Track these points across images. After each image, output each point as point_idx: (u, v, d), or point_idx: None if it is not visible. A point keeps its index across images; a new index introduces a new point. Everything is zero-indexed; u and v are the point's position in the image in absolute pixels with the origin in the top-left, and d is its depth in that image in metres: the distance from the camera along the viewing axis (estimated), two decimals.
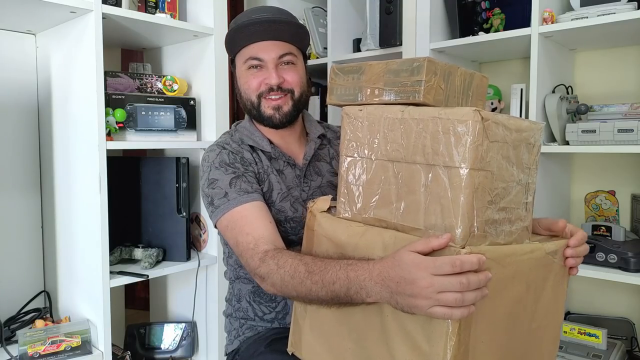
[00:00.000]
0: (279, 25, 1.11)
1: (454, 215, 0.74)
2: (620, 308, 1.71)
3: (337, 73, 0.95)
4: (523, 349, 0.86)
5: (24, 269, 1.63)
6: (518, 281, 0.80)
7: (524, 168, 0.83)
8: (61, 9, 1.32)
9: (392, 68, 0.85)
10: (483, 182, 0.75)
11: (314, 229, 0.96)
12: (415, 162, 0.80)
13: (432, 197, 0.77)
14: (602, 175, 1.74)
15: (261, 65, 1.13)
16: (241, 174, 1.10)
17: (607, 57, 1.73)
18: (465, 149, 0.73)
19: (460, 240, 0.74)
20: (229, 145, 1.15)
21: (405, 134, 0.81)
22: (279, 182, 1.15)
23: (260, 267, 0.95)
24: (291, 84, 1.14)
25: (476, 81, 0.91)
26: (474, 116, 0.72)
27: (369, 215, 0.87)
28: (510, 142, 0.79)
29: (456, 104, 0.87)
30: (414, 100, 0.82)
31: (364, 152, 0.88)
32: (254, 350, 1.13)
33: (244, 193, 1.07)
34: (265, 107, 1.14)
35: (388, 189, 0.84)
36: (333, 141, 1.29)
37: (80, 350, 1.37)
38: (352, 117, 0.90)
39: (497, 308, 0.78)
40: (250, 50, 1.13)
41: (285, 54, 1.13)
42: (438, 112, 0.77)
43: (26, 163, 1.63)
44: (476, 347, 0.75)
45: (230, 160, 1.12)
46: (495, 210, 0.78)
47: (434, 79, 0.81)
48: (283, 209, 1.14)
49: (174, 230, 1.60)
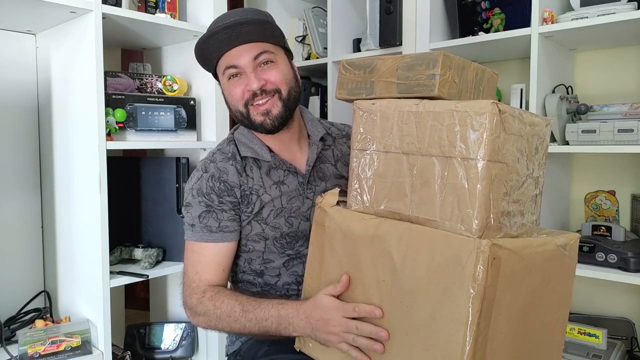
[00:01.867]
0: (243, 26, 1.03)
1: (470, 207, 0.75)
2: (620, 308, 1.71)
3: (347, 67, 0.95)
4: (535, 341, 0.86)
5: (24, 269, 1.63)
6: (534, 273, 0.81)
7: (535, 161, 0.84)
8: (61, 9, 1.32)
9: (406, 62, 0.85)
10: (499, 174, 0.76)
11: (324, 225, 0.96)
12: (430, 155, 0.80)
13: (448, 189, 0.78)
14: (602, 175, 1.74)
15: (239, 72, 1.07)
16: (212, 209, 1.09)
17: (607, 57, 1.73)
18: (483, 141, 0.73)
19: (476, 232, 0.74)
20: (213, 166, 1.11)
21: (420, 127, 0.81)
22: (273, 200, 1.11)
23: (196, 307, 1.06)
24: (275, 84, 1.07)
25: (487, 76, 0.92)
26: (492, 109, 0.73)
27: (382, 207, 0.88)
28: (524, 135, 0.80)
29: (468, 98, 0.87)
30: (428, 93, 0.82)
31: (377, 145, 0.89)
32: (256, 350, 1.13)
33: (208, 232, 1.09)
34: (254, 114, 1.08)
35: (402, 181, 0.84)
36: (338, 139, 1.24)
37: (80, 350, 1.37)
38: (365, 110, 0.91)
39: (515, 300, 0.78)
40: (224, 60, 1.08)
41: (259, 53, 1.06)
42: (454, 105, 0.77)
43: (26, 163, 1.63)
44: (494, 338, 0.76)
45: (207, 190, 1.09)
46: (509, 202, 0.79)
47: (448, 72, 0.82)
48: (278, 225, 1.12)
49: (174, 230, 1.60)
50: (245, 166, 1.13)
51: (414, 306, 0.80)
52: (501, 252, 0.73)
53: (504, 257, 0.74)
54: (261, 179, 1.12)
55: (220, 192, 1.10)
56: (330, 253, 0.95)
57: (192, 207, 1.10)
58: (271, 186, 1.12)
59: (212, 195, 1.09)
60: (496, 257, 0.72)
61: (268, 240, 1.12)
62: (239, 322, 1.00)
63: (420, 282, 0.79)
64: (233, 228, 1.11)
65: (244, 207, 1.11)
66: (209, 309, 1.03)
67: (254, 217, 1.11)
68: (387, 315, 0.84)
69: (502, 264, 0.74)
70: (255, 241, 1.13)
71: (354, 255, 0.89)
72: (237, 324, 1.00)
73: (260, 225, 1.12)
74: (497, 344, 0.77)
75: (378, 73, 0.90)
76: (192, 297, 1.07)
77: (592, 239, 1.49)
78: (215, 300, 1.03)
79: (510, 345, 0.80)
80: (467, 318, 0.73)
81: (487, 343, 0.75)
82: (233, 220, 1.11)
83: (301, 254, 1.14)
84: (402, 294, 0.82)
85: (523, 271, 0.79)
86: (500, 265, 0.73)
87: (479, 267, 0.72)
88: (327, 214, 0.95)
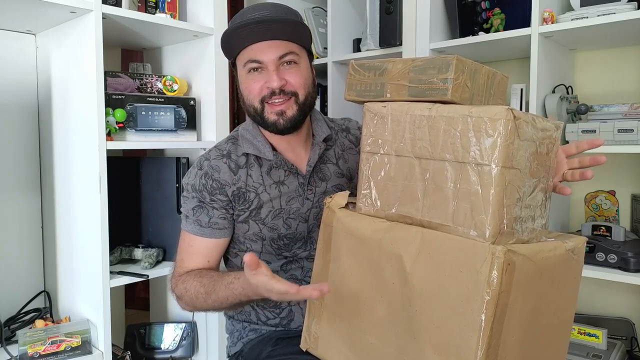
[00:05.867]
0: (277, 23, 1.04)
1: (484, 213, 0.75)
2: (620, 308, 1.71)
3: (356, 69, 0.94)
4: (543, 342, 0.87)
5: (24, 269, 1.63)
6: (545, 277, 0.81)
7: (545, 166, 0.84)
8: (61, 9, 1.32)
9: (418, 65, 0.85)
10: (513, 179, 0.75)
11: (332, 225, 0.96)
12: (444, 160, 0.80)
13: (461, 194, 0.77)
14: (602, 175, 1.74)
15: (261, 68, 1.06)
16: (204, 205, 1.11)
17: (607, 57, 1.73)
18: (497, 147, 0.73)
19: (490, 237, 0.74)
20: (207, 163, 1.12)
21: (433, 132, 0.81)
22: (272, 200, 1.11)
23: (175, 290, 1.11)
24: (294, 86, 1.06)
25: (498, 80, 0.92)
26: (507, 115, 0.73)
27: (393, 211, 0.87)
28: (536, 140, 0.80)
29: (480, 102, 0.87)
30: (441, 97, 0.82)
31: (387, 149, 0.88)
32: (259, 350, 1.12)
33: (198, 226, 1.12)
34: (268, 112, 1.07)
35: (413, 185, 0.84)
36: (340, 133, 1.23)
37: (80, 350, 1.37)
38: (375, 113, 0.90)
39: (526, 304, 0.79)
40: (248, 52, 1.06)
41: (285, 53, 1.05)
42: (468, 110, 0.77)
43: (26, 163, 1.63)
44: (506, 342, 0.76)
45: (200, 187, 1.11)
46: (521, 207, 0.79)
47: (461, 77, 0.82)
48: (275, 226, 1.11)
49: (174, 230, 1.60)
50: (245, 163, 1.12)
51: (424, 310, 0.80)
52: (516, 258, 0.73)
53: (518, 263, 0.74)
54: (261, 177, 1.12)
55: (212, 190, 1.10)
56: (337, 254, 0.95)
57: (188, 200, 1.14)
58: (271, 185, 1.12)
59: (204, 192, 1.11)
60: (511, 262, 0.72)
61: (265, 240, 1.12)
62: (207, 302, 1.04)
63: (431, 286, 0.79)
64: (223, 226, 1.12)
65: (238, 205, 1.11)
66: (182, 291, 1.08)
67: (252, 216, 1.11)
68: (395, 318, 0.84)
69: (516, 270, 0.73)
70: (252, 240, 1.13)
71: (362, 257, 0.89)
72: (205, 304, 1.05)
73: (258, 225, 1.11)
74: (508, 348, 0.77)
75: (389, 75, 0.89)
76: (172, 281, 1.13)
77: (592, 239, 1.49)
78: (186, 283, 1.08)
79: (520, 347, 0.80)
80: (481, 323, 0.73)
81: (499, 347, 0.75)
82: (224, 219, 1.11)
83: (299, 257, 1.14)
84: (411, 298, 0.81)
85: (535, 276, 0.78)
86: (515, 271, 0.73)
87: (494, 273, 0.71)
88: (335, 215, 0.95)
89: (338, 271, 0.94)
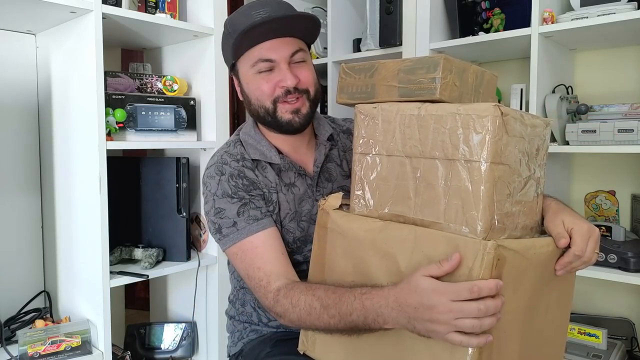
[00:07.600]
0: (290, 20, 1.00)
1: (475, 209, 0.75)
2: (620, 308, 1.71)
3: (347, 72, 0.95)
4: (539, 341, 0.87)
5: (24, 269, 1.63)
6: (538, 273, 0.82)
7: (536, 162, 0.85)
8: (61, 9, 1.32)
9: (407, 65, 0.86)
10: (502, 175, 0.76)
11: (326, 227, 0.96)
12: (434, 158, 0.81)
13: (452, 191, 0.78)
14: (602, 175, 1.74)
15: (273, 67, 1.02)
16: (248, 202, 1.03)
17: (607, 57, 1.73)
18: (486, 143, 0.74)
19: (481, 233, 0.75)
20: (228, 167, 1.06)
21: (423, 130, 0.82)
22: (287, 202, 1.08)
23: (275, 307, 0.95)
24: (306, 84, 1.05)
25: (487, 78, 0.92)
26: (494, 111, 0.74)
27: (386, 210, 0.88)
28: (525, 136, 0.81)
29: (468, 100, 0.88)
30: (430, 97, 0.83)
31: (379, 149, 0.89)
32: (259, 351, 1.11)
33: (254, 221, 1.02)
34: (282, 112, 1.04)
35: (405, 184, 0.85)
36: (341, 134, 1.21)
37: (80, 350, 1.37)
38: (366, 114, 0.91)
39: (519, 301, 0.79)
40: (257, 51, 1.02)
41: (296, 51, 1.03)
42: (457, 108, 0.78)
43: (26, 163, 1.63)
44: (499, 339, 0.76)
45: (233, 190, 1.04)
46: (512, 203, 0.80)
47: (449, 76, 0.82)
48: (291, 229, 1.08)
49: (174, 230, 1.60)
50: (257, 166, 1.09)
51: None
52: (506, 253, 0.74)
53: (509, 258, 0.74)
54: (276, 179, 1.09)
55: (245, 187, 1.05)
56: (332, 256, 0.95)
57: (226, 209, 1.04)
58: (283, 188, 1.09)
59: (239, 192, 1.04)
60: (501, 257, 0.73)
61: None
62: (321, 319, 0.87)
63: None
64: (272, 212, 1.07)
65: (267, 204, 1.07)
66: (287, 308, 0.92)
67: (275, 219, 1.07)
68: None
69: (506, 265, 0.74)
70: None
71: (357, 257, 0.89)
72: (319, 322, 0.88)
73: (279, 227, 1.08)
74: (502, 345, 0.77)
75: (379, 77, 0.90)
76: (268, 297, 0.97)
77: None
78: (292, 298, 0.92)
79: (515, 345, 0.80)
80: None
81: (493, 344, 0.75)
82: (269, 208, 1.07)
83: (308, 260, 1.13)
84: None
85: (527, 271, 0.79)
86: (505, 266, 0.74)
87: (484, 268, 0.72)
88: (330, 216, 0.95)
89: (334, 273, 0.94)
